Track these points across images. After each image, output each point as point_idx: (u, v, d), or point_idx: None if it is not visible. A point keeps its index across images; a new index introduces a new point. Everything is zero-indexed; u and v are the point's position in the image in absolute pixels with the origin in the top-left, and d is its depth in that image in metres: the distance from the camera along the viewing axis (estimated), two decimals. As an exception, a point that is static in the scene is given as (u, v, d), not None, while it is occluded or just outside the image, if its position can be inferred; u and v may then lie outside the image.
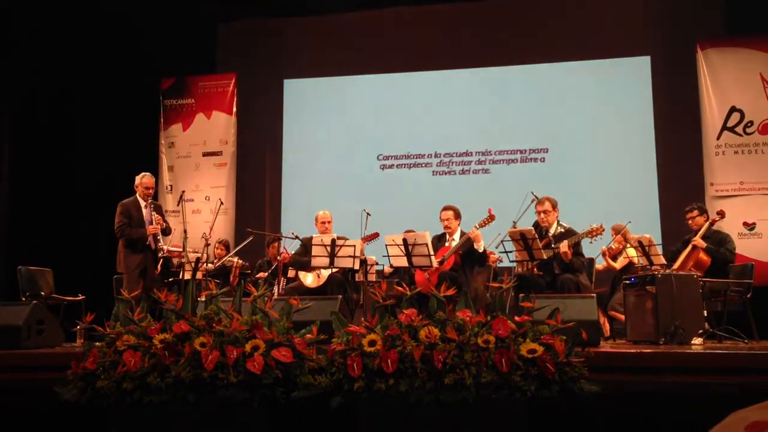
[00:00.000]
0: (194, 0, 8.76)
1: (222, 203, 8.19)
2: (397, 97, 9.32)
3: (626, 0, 8.81)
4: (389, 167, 9.23)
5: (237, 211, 9.08)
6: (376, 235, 6.73)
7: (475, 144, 9.03)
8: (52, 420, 3.86)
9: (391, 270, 6.92)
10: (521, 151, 8.93)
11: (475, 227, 6.11)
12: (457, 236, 6.20)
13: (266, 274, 7.28)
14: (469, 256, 6.05)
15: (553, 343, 3.12)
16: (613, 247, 6.92)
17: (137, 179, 6.41)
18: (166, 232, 6.39)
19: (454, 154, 9.08)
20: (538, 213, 5.98)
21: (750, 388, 3.33)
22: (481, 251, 6.01)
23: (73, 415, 3.63)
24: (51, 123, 8.76)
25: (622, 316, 5.83)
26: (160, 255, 6.27)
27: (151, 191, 6.42)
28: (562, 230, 5.85)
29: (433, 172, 9.12)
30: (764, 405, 1.04)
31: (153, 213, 6.28)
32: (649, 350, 4.05)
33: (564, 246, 5.56)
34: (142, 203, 6.34)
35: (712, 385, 3.42)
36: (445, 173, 9.07)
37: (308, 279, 6.41)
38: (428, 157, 9.15)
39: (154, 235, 6.21)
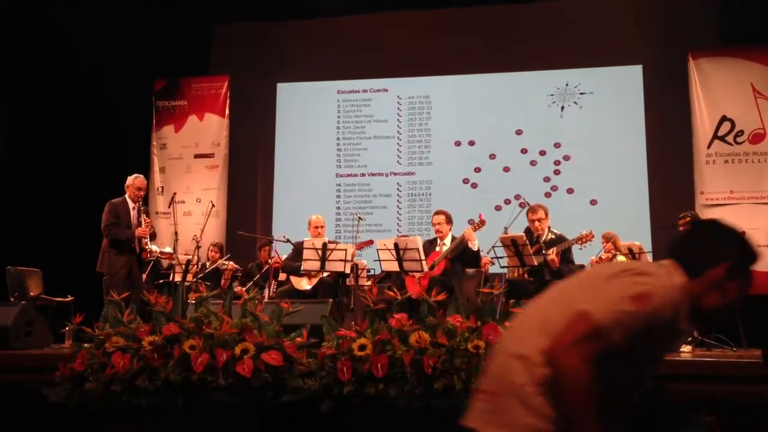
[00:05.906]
0: (189, 2, 8.75)
1: (213, 206, 8.16)
2: (391, 102, 9.32)
3: (618, 9, 8.84)
4: (382, 173, 9.22)
5: (228, 213, 9.03)
6: (370, 243, 6.69)
7: (467, 150, 9.04)
8: (39, 422, 3.84)
9: (383, 274, 6.91)
10: (512, 158, 8.93)
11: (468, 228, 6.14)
12: (448, 241, 6.21)
13: (256, 277, 7.25)
14: (462, 257, 6.06)
15: (543, 349, 3.12)
16: (603, 256, 6.93)
17: (129, 180, 6.35)
18: (153, 236, 6.34)
19: (448, 159, 9.08)
20: (532, 221, 5.98)
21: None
22: (475, 249, 6.03)
23: (61, 417, 3.61)
24: (42, 123, 8.71)
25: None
26: (149, 257, 6.22)
27: (142, 193, 6.35)
28: (553, 236, 5.88)
29: (426, 178, 9.12)
30: None
31: (143, 215, 6.22)
32: (638, 357, 4.05)
33: (552, 254, 5.58)
34: (131, 204, 6.27)
35: (701, 392, 3.44)
36: (439, 180, 9.07)
37: (302, 282, 6.40)
38: (420, 163, 9.16)
39: (140, 238, 6.12)
